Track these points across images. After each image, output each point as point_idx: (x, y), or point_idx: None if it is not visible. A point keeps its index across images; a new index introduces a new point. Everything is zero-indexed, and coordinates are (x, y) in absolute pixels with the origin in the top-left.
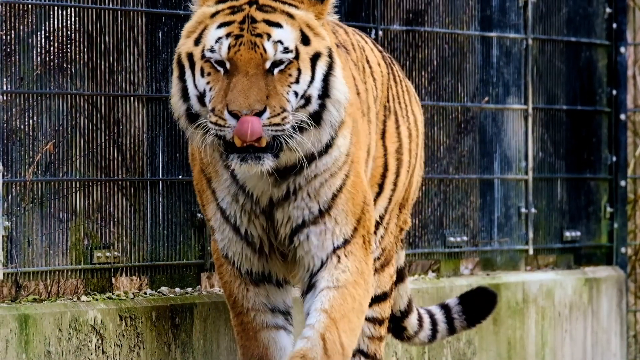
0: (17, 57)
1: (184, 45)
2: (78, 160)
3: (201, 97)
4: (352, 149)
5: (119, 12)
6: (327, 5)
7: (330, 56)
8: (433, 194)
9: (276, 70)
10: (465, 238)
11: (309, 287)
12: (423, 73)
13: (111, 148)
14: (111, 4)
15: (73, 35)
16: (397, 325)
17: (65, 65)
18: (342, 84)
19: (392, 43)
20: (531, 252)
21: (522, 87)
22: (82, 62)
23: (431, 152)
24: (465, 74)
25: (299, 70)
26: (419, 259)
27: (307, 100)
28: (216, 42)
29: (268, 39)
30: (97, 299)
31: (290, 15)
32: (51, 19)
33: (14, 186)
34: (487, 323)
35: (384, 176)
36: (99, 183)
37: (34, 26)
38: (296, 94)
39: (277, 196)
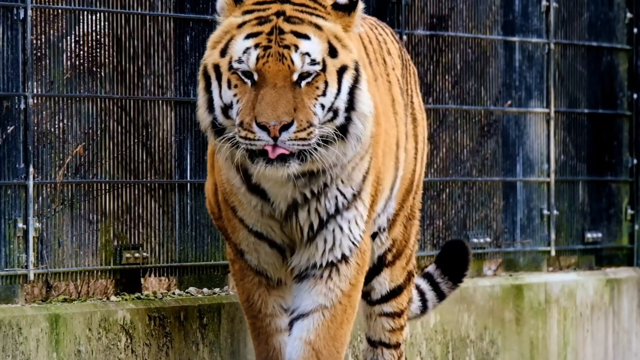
0: (48, 61)
1: (210, 56)
2: (107, 163)
3: (225, 109)
4: (375, 130)
5: (148, 17)
6: (354, 18)
7: (356, 69)
8: (457, 196)
9: (303, 83)
10: (488, 239)
11: (304, 273)
12: (447, 77)
13: (140, 151)
14: (140, 9)
15: (102, 39)
16: None
17: (94, 69)
18: (368, 97)
19: (416, 47)
20: (553, 253)
21: (544, 91)
22: (111, 66)
23: (455, 155)
24: (488, 78)
25: (326, 83)
26: None
27: (335, 113)
28: (244, 52)
29: (296, 51)
30: (126, 299)
31: (318, 27)
32: (81, 24)
33: (44, 188)
34: (510, 323)
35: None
36: (128, 185)
37: (64, 31)
38: (323, 106)
39: (302, 198)
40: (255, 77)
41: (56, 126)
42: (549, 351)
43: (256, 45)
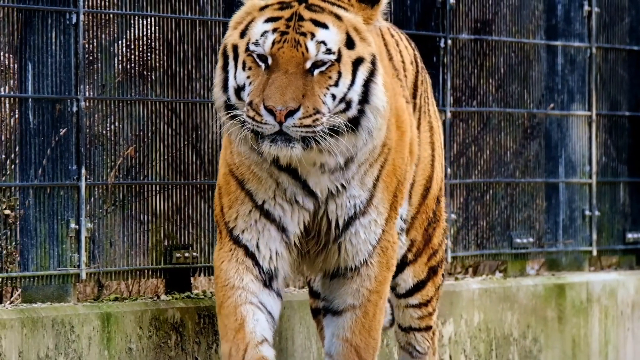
0: (100, 65)
1: (231, 36)
2: (158, 164)
3: (238, 90)
4: (389, 136)
5: (197, 21)
6: (377, 11)
7: (373, 63)
8: (500, 197)
9: (316, 71)
10: (531, 240)
11: (335, 273)
12: (491, 81)
13: (190, 152)
14: (190, 13)
15: (153, 43)
16: None
17: (145, 72)
18: (382, 92)
19: (460, 52)
20: (595, 253)
21: (586, 94)
22: (161, 70)
23: (498, 157)
24: (531, 81)
25: (340, 74)
26: (487, 260)
27: (348, 104)
28: (261, 35)
29: (312, 39)
30: (176, 298)
31: (338, 17)
32: (132, 28)
33: (96, 189)
34: (552, 321)
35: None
36: (178, 186)
37: (115, 35)
38: (334, 96)
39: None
40: (270, 61)
41: (108, 128)
42: (591, 349)
43: (274, 30)
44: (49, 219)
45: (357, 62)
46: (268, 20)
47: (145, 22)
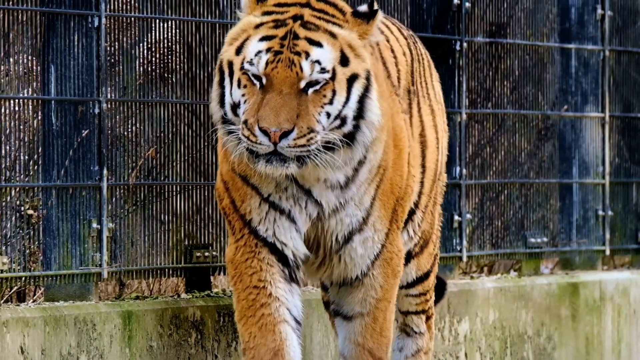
0: (121, 67)
1: (226, 52)
2: (178, 165)
3: (234, 107)
4: (385, 157)
5: (217, 24)
6: (372, 26)
7: (367, 78)
8: (515, 197)
9: (311, 90)
10: (545, 239)
11: (343, 283)
12: (505, 83)
13: (210, 153)
14: (210, 17)
15: (174, 46)
16: None
17: (166, 75)
18: (377, 107)
19: (475, 54)
20: (608, 252)
21: (600, 96)
22: (182, 72)
23: (513, 158)
24: (545, 83)
25: (334, 92)
26: (501, 259)
27: (343, 121)
28: (256, 55)
29: (306, 58)
30: (196, 297)
31: (333, 35)
32: (153, 31)
33: (117, 189)
34: (566, 320)
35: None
36: (198, 187)
37: (136, 38)
38: (328, 114)
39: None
40: (264, 80)
41: (129, 130)
42: (604, 347)
43: (268, 49)
44: (71, 218)
45: (352, 79)
46: (263, 39)
47: (166, 25)
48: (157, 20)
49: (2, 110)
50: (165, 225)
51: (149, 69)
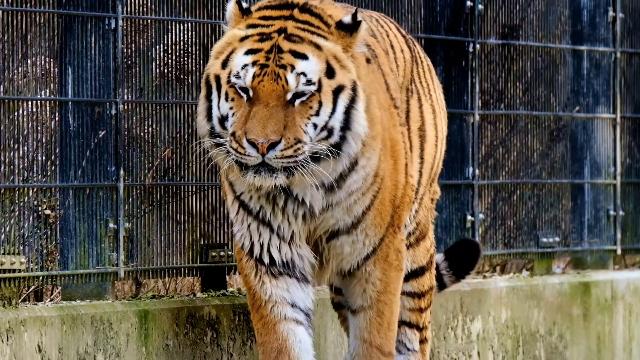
0: (138, 69)
1: (212, 66)
2: (194, 166)
3: (222, 120)
4: (382, 165)
5: None
6: (355, 39)
7: (353, 89)
8: (527, 197)
9: (297, 102)
10: (557, 239)
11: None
12: (518, 84)
13: None
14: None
15: (190, 48)
16: None
17: (182, 76)
18: (363, 118)
19: (488, 56)
20: (619, 252)
21: (611, 97)
22: (198, 74)
23: (525, 158)
24: (557, 85)
25: (320, 103)
26: (514, 259)
27: (330, 132)
28: (242, 68)
29: (292, 71)
30: (212, 296)
31: (318, 47)
32: (169, 33)
33: (134, 190)
34: (577, 319)
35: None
36: (213, 187)
37: (153, 40)
38: (315, 125)
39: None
40: (251, 93)
41: (145, 131)
42: (615, 345)
43: (254, 63)
44: (88, 218)
45: (338, 90)
46: (248, 52)
47: (182, 27)
48: (174, 22)
49: (20, 111)
50: (181, 225)
51: (166, 70)
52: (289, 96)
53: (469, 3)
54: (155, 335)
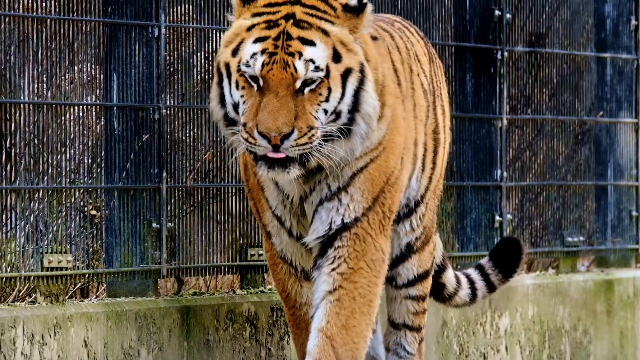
0: (180, 75)
1: (223, 54)
2: (234, 168)
3: (235, 107)
4: (387, 137)
5: None
6: (362, 19)
7: (361, 71)
8: (553, 198)
9: (307, 90)
10: (582, 238)
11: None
12: (544, 90)
13: None
14: None
15: None
16: (435, 283)
17: None
18: (373, 98)
19: (516, 63)
20: None
21: (633, 103)
22: None
23: (551, 161)
24: (582, 90)
25: (329, 89)
26: (540, 257)
27: (337, 115)
28: (251, 57)
29: (300, 58)
30: (251, 293)
31: (325, 32)
32: (210, 41)
33: (176, 191)
34: (601, 315)
35: (424, 156)
36: None
37: (194, 47)
38: (326, 111)
39: (307, 190)
40: (261, 82)
41: (187, 135)
42: (638, 340)
43: (262, 51)
44: (132, 218)
45: (346, 74)
46: (257, 41)
47: (222, 35)
48: (214, 31)
49: (67, 116)
50: (221, 225)
51: (206, 77)
52: (298, 84)
53: (497, 12)
54: (197, 331)
